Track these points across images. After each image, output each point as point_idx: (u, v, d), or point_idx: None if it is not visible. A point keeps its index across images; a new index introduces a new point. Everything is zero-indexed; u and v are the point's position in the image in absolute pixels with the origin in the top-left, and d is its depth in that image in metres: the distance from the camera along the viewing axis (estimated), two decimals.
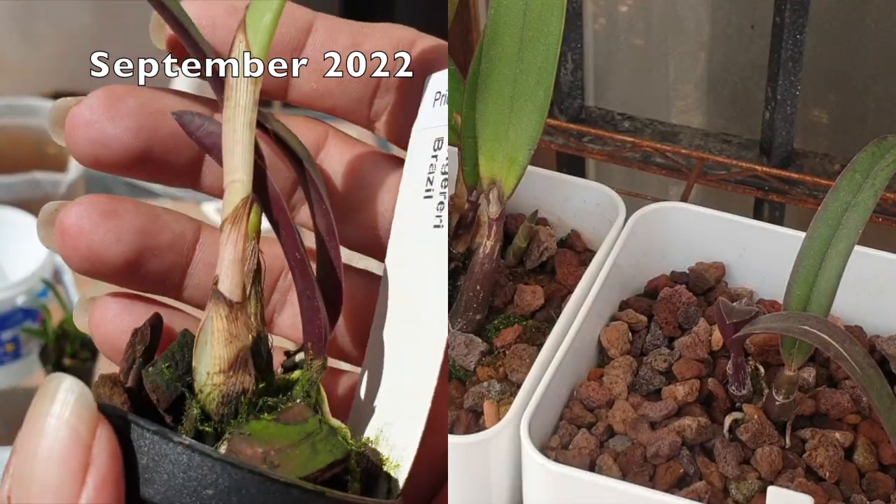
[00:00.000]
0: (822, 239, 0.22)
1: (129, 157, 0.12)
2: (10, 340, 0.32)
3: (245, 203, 0.12)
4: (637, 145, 0.35)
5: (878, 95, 0.38)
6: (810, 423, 0.24)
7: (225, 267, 0.12)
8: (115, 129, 0.12)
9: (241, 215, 0.12)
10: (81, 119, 0.12)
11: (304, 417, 0.12)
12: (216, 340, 0.12)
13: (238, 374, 0.12)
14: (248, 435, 0.11)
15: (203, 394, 0.12)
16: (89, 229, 0.12)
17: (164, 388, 0.12)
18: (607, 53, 0.41)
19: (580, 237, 0.28)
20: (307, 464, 0.11)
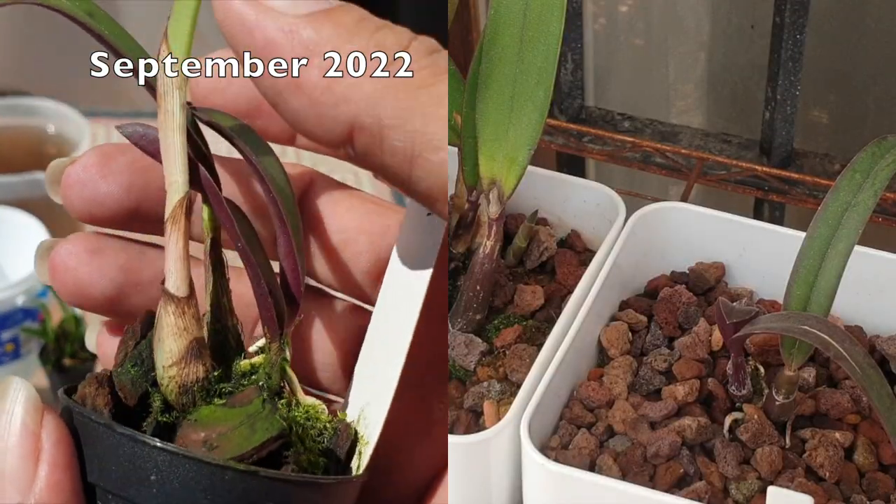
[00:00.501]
0: (822, 239, 0.22)
1: (122, 212, 0.13)
2: (9, 340, 0.32)
3: (181, 203, 0.12)
4: (637, 145, 0.35)
5: (878, 95, 0.38)
6: (810, 423, 0.24)
7: (170, 265, 0.12)
8: (108, 187, 0.13)
9: (178, 215, 0.12)
10: (76, 178, 0.13)
11: (249, 399, 0.12)
12: (167, 335, 0.12)
13: (190, 365, 0.12)
14: (195, 420, 0.12)
15: (163, 385, 0.12)
16: (75, 266, 0.13)
17: (129, 385, 0.12)
18: (607, 53, 0.41)
19: (580, 237, 0.28)
20: (243, 444, 0.12)
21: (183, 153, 0.12)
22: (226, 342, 0.13)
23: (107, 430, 0.12)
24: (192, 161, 0.13)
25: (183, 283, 0.12)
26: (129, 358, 0.13)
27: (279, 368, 0.13)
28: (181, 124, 0.12)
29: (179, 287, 0.12)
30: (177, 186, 0.12)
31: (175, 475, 0.11)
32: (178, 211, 0.12)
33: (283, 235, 0.13)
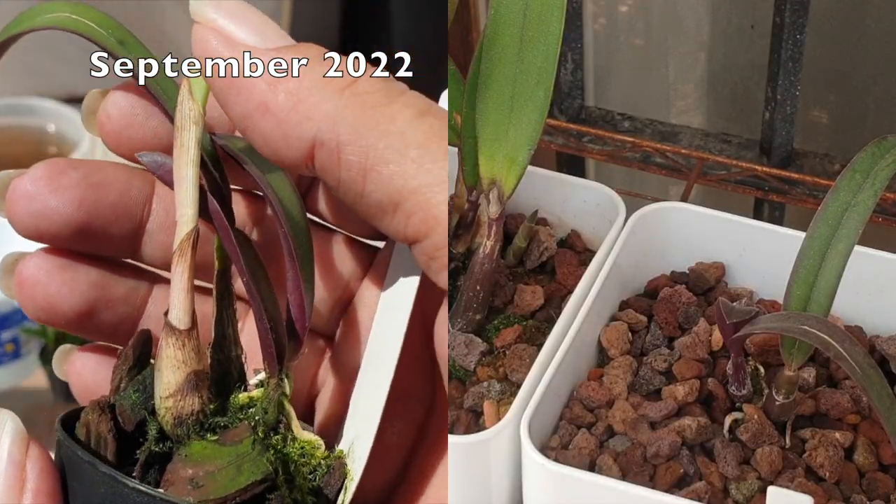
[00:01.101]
0: (822, 239, 0.22)
1: (70, 229, 0.13)
2: (9, 340, 0.32)
3: (189, 236, 0.12)
4: (637, 145, 0.35)
5: (878, 95, 0.38)
6: (810, 423, 0.24)
7: (174, 296, 0.13)
8: (57, 202, 0.12)
9: (185, 248, 0.12)
10: (23, 192, 0.12)
11: (240, 438, 0.12)
12: (166, 366, 0.12)
13: (187, 397, 0.12)
14: (185, 456, 0.12)
15: (160, 416, 0.13)
16: (45, 281, 0.13)
17: (129, 411, 0.13)
18: (607, 53, 0.41)
19: (580, 237, 0.28)
20: (228, 485, 0.12)
21: (194, 186, 0.12)
22: (228, 373, 0.13)
23: (90, 466, 0.12)
24: (205, 193, 0.13)
25: (185, 315, 0.12)
26: (131, 383, 0.13)
27: (276, 404, 0.13)
28: (194, 158, 0.12)
29: (182, 319, 0.12)
30: (186, 219, 0.12)
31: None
32: (185, 244, 0.12)
33: (291, 269, 0.13)
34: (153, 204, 0.14)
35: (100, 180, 0.13)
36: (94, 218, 0.13)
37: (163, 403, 0.12)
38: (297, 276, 0.13)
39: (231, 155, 0.13)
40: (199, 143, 0.13)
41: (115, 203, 0.13)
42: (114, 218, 0.13)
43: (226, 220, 0.13)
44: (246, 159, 0.13)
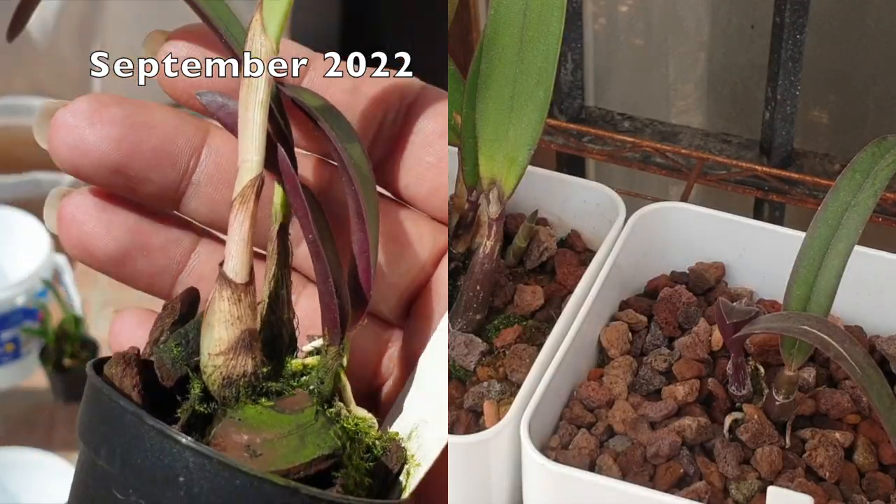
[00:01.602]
0: (822, 239, 0.22)
1: (106, 167, 0.12)
2: (10, 340, 0.32)
3: (253, 183, 0.11)
4: (637, 145, 0.35)
5: (878, 95, 0.38)
6: (810, 423, 0.24)
7: (231, 247, 0.11)
8: (95, 137, 0.12)
9: (248, 195, 0.11)
10: (64, 123, 0.12)
11: (301, 407, 0.11)
12: (217, 321, 0.11)
13: (239, 357, 0.11)
14: (239, 420, 0.11)
15: (205, 374, 0.11)
16: (82, 219, 0.12)
17: (169, 365, 0.12)
18: (607, 53, 0.41)
19: (580, 237, 0.28)
20: (290, 456, 0.11)
21: (262, 131, 0.11)
22: (279, 336, 0.12)
23: (134, 418, 0.11)
24: (271, 140, 0.12)
25: (243, 268, 0.11)
26: (172, 336, 0.12)
27: (334, 374, 0.12)
28: (264, 100, 0.11)
29: (238, 272, 0.11)
30: (250, 165, 0.11)
31: (205, 479, 0.10)
32: (248, 191, 0.11)
33: (359, 231, 0.12)
34: (202, 155, 0.12)
35: (143, 121, 0.12)
36: (131, 159, 0.12)
37: (211, 361, 0.11)
38: (365, 238, 0.12)
39: (303, 109, 0.12)
40: (269, 84, 0.11)
41: (156, 147, 0.12)
42: (154, 162, 0.12)
43: (294, 174, 0.12)
44: (318, 115, 0.12)
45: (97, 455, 0.11)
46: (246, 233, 0.11)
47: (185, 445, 0.11)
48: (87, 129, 0.12)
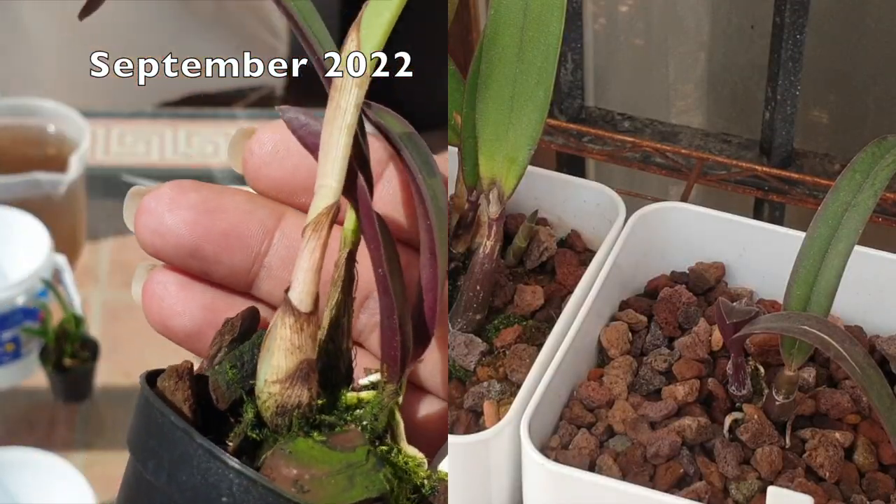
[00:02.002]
0: (822, 239, 0.22)
1: (182, 250, 0.12)
2: (10, 340, 0.31)
3: (329, 210, 0.11)
4: (637, 145, 0.35)
5: (878, 95, 0.38)
6: (810, 423, 0.24)
7: (299, 274, 0.11)
8: (172, 221, 0.12)
9: (323, 223, 0.11)
10: (146, 207, 0.12)
11: (353, 445, 0.11)
12: (278, 348, 0.11)
13: (295, 387, 0.11)
14: (289, 453, 0.11)
15: (260, 400, 0.11)
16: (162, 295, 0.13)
17: (224, 388, 0.12)
18: (607, 53, 0.41)
19: (580, 237, 0.28)
20: (338, 496, 0.11)
21: (345, 157, 0.11)
22: (336, 367, 0.12)
23: (184, 435, 0.11)
24: (351, 166, 0.11)
25: (308, 297, 0.11)
26: (228, 357, 0.12)
27: (388, 411, 0.12)
28: (350, 124, 0.11)
29: (303, 301, 0.11)
30: (327, 191, 0.11)
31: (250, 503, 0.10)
32: (323, 218, 0.11)
33: (429, 267, 0.12)
34: (274, 238, 0.13)
35: (216, 206, 0.12)
36: (205, 242, 0.12)
37: (267, 388, 0.11)
38: (434, 275, 0.12)
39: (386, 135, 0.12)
40: (358, 108, 0.11)
41: (227, 231, 0.12)
42: (225, 245, 0.12)
43: (370, 206, 0.11)
44: (402, 145, 0.12)
45: (144, 468, 0.11)
46: (316, 261, 0.11)
47: (231, 468, 0.11)
48: (166, 214, 0.12)
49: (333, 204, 0.11)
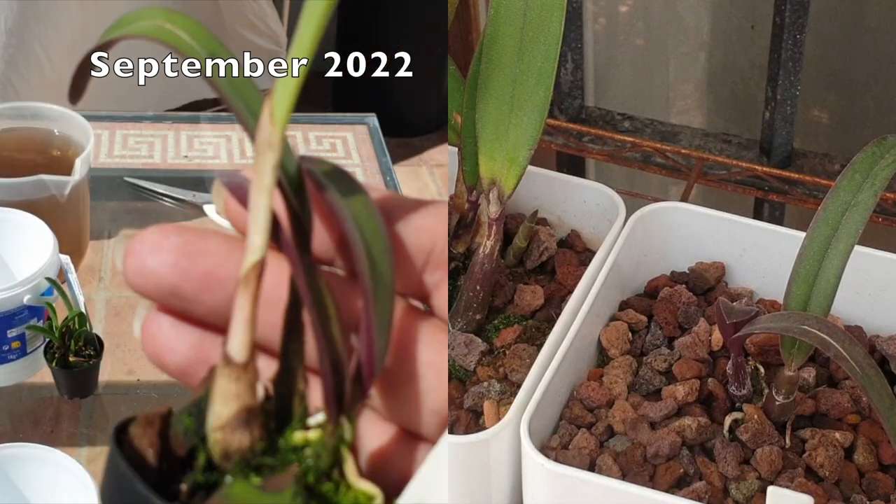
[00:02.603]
0: (822, 239, 0.22)
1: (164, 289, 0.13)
2: (15, 338, 0.32)
3: (255, 266, 0.12)
4: (637, 145, 0.35)
5: (878, 95, 0.38)
6: (810, 423, 0.24)
7: (234, 326, 0.12)
8: (153, 262, 0.13)
9: (250, 278, 0.12)
10: (132, 249, 0.14)
11: (282, 487, 0.12)
12: (219, 397, 0.12)
13: (237, 433, 0.12)
14: (225, 496, 0.12)
15: (209, 444, 0.12)
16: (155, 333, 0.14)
17: (181, 435, 0.12)
18: (607, 53, 0.41)
19: (580, 237, 0.28)
20: None
21: (265, 215, 0.12)
22: (288, 409, 0.13)
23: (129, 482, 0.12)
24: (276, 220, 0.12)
25: (244, 348, 0.12)
26: (187, 406, 0.12)
27: (332, 450, 0.12)
28: (268, 186, 0.12)
29: (239, 352, 0.12)
30: (254, 248, 0.12)
31: None
32: (251, 274, 0.12)
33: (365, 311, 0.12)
34: None
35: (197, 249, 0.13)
36: (183, 281, 0.13)
37: (213, 434, 0.12)
38: (369, 319, 0.12)
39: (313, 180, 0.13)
40: (274, 170, 0.12)
41: (206, 272, 0.13)
42: (205, 285, 0.13)
43: (297, 252, 0.12)
44: (326, 184, 0.12)
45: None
46: (248, 314, 0.12)
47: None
48: (147, 256, 0.13)
49: (259, 261, 0.12)
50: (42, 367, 0.32)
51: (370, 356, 0.13)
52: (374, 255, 0.13)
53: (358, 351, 0.13)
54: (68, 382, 0.32)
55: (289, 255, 0.13)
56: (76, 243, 0.36)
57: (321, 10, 0.12)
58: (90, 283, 0.37)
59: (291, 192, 0.13)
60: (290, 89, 0.12)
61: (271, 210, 0.12)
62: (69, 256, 0.32)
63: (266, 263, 0.12)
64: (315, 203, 0.13)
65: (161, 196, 0.41)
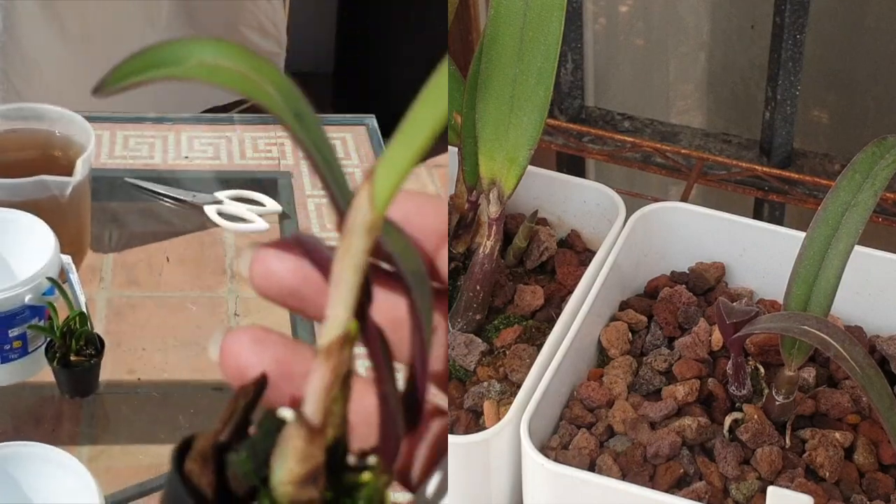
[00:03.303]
0: (822, 239, 0.22)
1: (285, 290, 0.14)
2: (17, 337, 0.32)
3: (340, 340, 0.13)
4: (637, 145, 0.35)
5: (878, 95, 0.38)
6: (810, 423, 0.24)
7: (311, 393, 0.13)
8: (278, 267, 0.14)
9: (333, 350, 0.13)
10: (258, 255, 0.15)
11: None
12: (292, 456, 0.13)
13: (308, 489, 0.13)
14: None
15: (276, 492, 0.13)
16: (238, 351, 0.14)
17: (241, 478, 0.13)
18: (607, 53, 0.41)
19: (580, 237, 0.28)
20: None
21: (352, 292, 0.12)
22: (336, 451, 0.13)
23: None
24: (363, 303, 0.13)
25: (319, 413, 0.13)
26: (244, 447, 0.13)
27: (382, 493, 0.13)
28: (360, 265, 0.12)
29: (315, 416, 0.13)
30: (338, 322, 0.12)
31: None
32: (334, 347, 0.13)
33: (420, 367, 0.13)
34: None
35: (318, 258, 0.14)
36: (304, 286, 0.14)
37: (282, 486, 0.13)
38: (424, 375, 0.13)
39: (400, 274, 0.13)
40: (367, 252, 0.12)
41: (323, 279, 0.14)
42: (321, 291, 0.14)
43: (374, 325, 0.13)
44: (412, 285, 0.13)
45: None
46: (328, 383, 0.13)
47: None
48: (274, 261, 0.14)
49: (343, 334, 0.13)
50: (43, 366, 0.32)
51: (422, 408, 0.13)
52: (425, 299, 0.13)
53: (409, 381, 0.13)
54: (69, 382, 0.32)
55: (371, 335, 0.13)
56: (77, 243, 0.36)
57: None
58: (91, 282, 0.37)
59: None
60: (394, 175, 0.12)
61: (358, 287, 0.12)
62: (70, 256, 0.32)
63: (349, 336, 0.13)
64: None
65: (161, 196, 0.41)
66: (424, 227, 0.14)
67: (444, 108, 0.12)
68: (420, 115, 0.12)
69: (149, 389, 0.32)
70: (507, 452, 0.22)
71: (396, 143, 0.12)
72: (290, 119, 0.12)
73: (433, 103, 0.12)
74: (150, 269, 0.37)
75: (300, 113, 0.12)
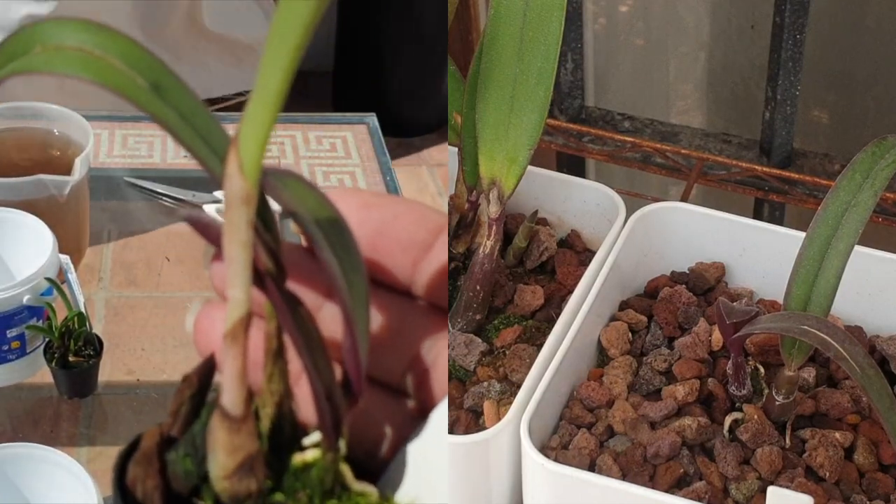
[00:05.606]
0: (822, 239, 0.22)
1: None
2: (15, 338, 0.32)
3: (241, 321, 0.12)
4: (637, 145, 0.35)
5: (878, 95, 0.38)
6: (810, 423, 0.24)
7: (226, 382, 0.12)
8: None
9: (238, 333, 0.12)
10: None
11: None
12: (221, 449, 0.12)
13: (243, 480, 0.12)
14: None
15: (216, 488, 0.12)
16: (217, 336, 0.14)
17: (182, 477, 0.12)
18: (607, 53, 0.41)
19: (580, 237, 0.28)
20: None
21: (245, 269, 0.12)
22: (281, 429, 0.13)
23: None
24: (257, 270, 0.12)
25: (239, 402, 0.12)
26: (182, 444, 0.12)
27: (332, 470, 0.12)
28: (245, 240, 0.12)
29: (235, 405, 0.12)
30: (238, 303, 0.12)
31: None
32: (238, 329, 0.12)
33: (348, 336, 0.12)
34: None
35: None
36: None
37: (219, 483, 0.12)
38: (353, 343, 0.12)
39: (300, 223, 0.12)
40: (249, 224, 0.12)
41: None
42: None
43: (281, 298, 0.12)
44: (297, 210, 0.12)
45: None
46: (239, 369, 0.12)
47: None
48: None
49: (245, 316, 0.12)
50: (42, 366, 0.32)
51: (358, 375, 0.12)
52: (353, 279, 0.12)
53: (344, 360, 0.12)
54: (68, 382, 0.32)
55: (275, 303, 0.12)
56: (76, 243, 0.36)
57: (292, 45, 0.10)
58: (90, 282, 0.37)
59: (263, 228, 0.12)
60: (259, 137, 0.11)
61: (252, 264, 0.12)
62: (69, 256, 0.32)
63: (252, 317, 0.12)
64: None
65: (161, 196, 0.40)
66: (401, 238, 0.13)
67: (293, 43, 0.10)
68: (268, 63, 0.11)
69: (148, 390, 0.32)
70: (507, 452, 0.22)
71: (254, 101, 0.11)
72: (141, 94, 0.11)
73: (277, 46, 0.10)
74: (149, 268, 0.37)
75: (160, 84, 0.11)
